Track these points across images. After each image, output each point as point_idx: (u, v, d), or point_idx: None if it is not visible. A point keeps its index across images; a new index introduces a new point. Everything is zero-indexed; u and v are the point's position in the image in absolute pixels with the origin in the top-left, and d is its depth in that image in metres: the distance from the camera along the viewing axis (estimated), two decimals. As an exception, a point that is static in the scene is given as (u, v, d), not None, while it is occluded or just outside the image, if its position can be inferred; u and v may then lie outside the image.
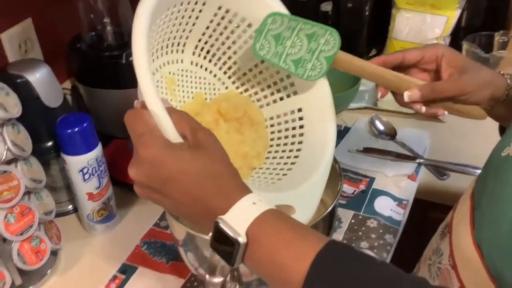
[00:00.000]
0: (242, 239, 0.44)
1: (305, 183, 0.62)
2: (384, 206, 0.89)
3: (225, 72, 0.71)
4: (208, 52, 0.69)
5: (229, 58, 0.70)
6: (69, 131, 0.77)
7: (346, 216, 0.88)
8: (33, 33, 0.97)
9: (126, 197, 0.91)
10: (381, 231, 0.84)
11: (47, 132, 0.84)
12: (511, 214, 0.52)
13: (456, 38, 1.22)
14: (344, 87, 1.07)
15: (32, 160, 0.74)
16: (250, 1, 0.65)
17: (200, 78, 0.70)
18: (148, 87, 0.47)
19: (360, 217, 0.87)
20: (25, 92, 0.80)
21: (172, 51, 0.66)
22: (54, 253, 0.82)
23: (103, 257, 0.83)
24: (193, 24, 0.65)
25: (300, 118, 0.69)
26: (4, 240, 0.72)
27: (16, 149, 0.69)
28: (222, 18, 0.65)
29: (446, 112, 0.68)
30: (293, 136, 0.69)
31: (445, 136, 1.05)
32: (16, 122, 0.71)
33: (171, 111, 0.49)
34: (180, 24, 0.63)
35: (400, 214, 0.88)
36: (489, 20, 1.24)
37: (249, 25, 0.66)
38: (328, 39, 0.63)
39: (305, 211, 0.59)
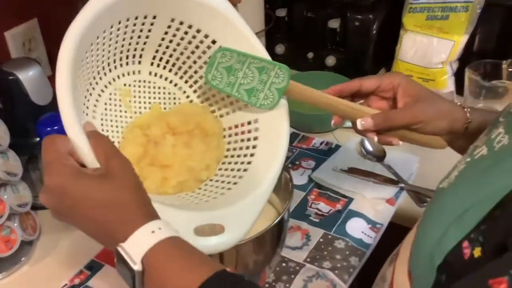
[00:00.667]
0: (137, 267, 0.45)
1: (241, 202, 0.63)
2: (356, 228, 0.89)
3: (186, 81, 0.73)
4: (167, 62, 0.72)
5: (190, 67, 0.72)
6: (48, 129, 0.81)
7: (316, 234, 0.88)
8: (38, 32, 1.02)
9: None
10: (347, 252, 0.84)
11: (35, 128, 0.88)
12: (429, 249, 0.52)
13: (466, 63, 1.19)
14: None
15: (10, 154, 0.79)
16: (203, 13, 0.66)
17: (160, 88, 0.72)
18: (66, 111, 0.50)
19: (330, 236, 0.87)
20: (15, 89, 0.85)
21: (127, 63, 0.68)
22: (30, 243, 0.86)
23: (75, 252, 0.87)
24: (147, 37, 0.67)
25: (256, 129, 0.70)
26: (-24, 229, 0.77)
27: (-10, 142, 0.73)
28: (177, 29, 0.68)
29: (400, 142, 0.68)
30: (247, 147, 0.70)
31: (436, 162, 1.03)
32: (-6, 117, 0.75)
33: (90, 135, 0.51)
34: (131, 38, 0.65)
35: (371, 238, 0.87)
36: (502, 46, 1.21)
37: (206, 36, 0.68)
38: (278, 73, 0.65)
39: (235, 230, 0.60)
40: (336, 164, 1.02)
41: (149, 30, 0.66)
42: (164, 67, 0.72)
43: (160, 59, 0.71)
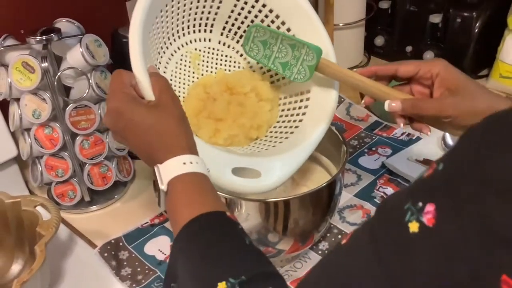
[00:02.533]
0: (163, 187, 0.53)
1: (280, 155, 0.70)
2: (417, 215, 0.90)
3: None
4: (236, 33, 0.80)
5: None
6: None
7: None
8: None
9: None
10: (403, 236, 0.86)
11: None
12: None
13: None
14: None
15: (115, 104, 0.91)
16: None
17: (226, 56, 0.81)
18: (134, 52, 0.60)
19: (390, 219, 0.90)
20: (126, 50, 0.97)
21: (200, 30, 0.78)
22: (124, 184, 0.99)
23: (159, 198, 0.99)
24: (218, 7, 0.76)
25: (307, 99, 0.76)
26: (80, 165, 0.91)
27: (99, 91, 0.86)
28: (245, 3, 0.75)
29: (429, 133, 0.68)
30: (297, 114, 0.77)
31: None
32: (105, 70, 0.88)
33: (152, 74, 0.60)
34: (204, 7, 0.74)
35: (432, 227, 0.88)
36: None
37: (270, 11, 0.76)
38: (308, 51, 0.69)
39: (270, 178, 0.67)
40: (412, 154, 1.04)
41: (220, 1, 0.75)
42: (233, 38, 0.81)
43: (229, 30, 0.80)
